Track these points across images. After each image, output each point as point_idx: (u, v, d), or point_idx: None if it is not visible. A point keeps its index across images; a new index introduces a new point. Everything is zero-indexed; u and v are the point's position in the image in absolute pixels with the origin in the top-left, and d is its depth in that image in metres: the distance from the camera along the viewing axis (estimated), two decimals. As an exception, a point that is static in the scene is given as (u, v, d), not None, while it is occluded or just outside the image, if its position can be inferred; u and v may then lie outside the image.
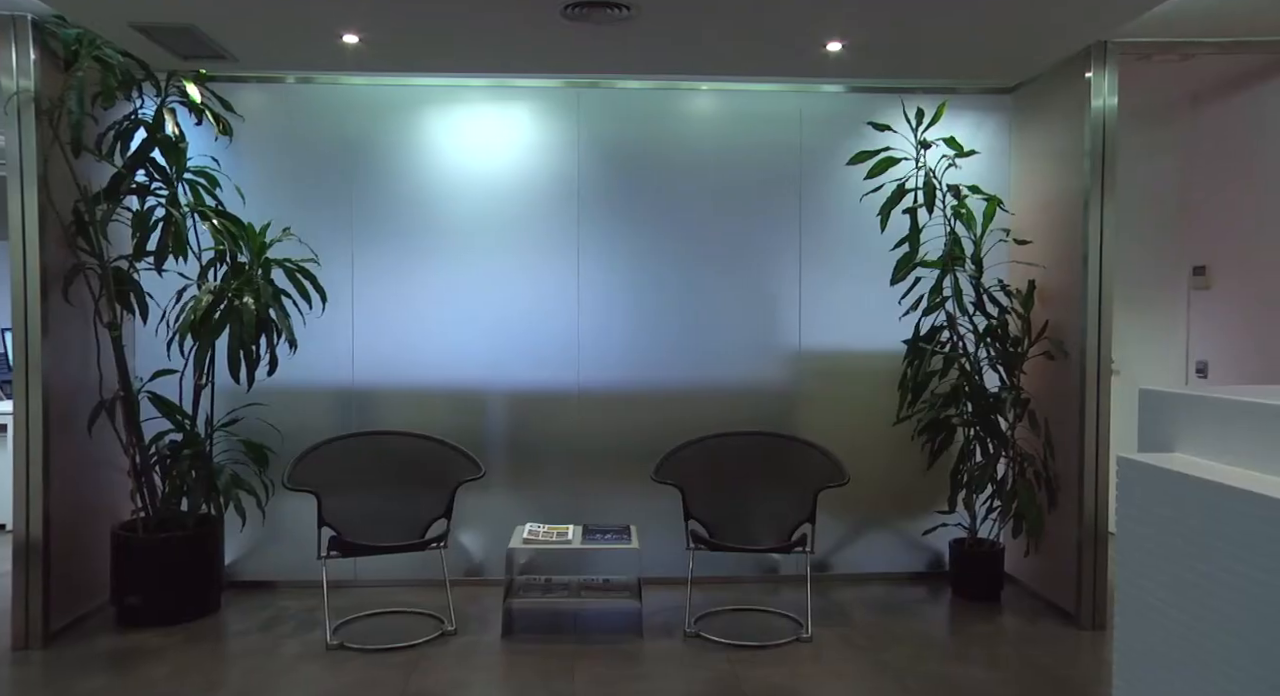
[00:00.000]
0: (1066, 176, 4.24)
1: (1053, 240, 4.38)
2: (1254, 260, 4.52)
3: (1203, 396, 1.47)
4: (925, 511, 4.78)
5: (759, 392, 4.71)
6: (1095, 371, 4.08)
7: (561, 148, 4.63)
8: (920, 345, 4.40)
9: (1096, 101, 4.03)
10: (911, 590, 4.61)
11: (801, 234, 4.71)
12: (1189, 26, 3.86)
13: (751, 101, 4.67)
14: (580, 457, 4.68)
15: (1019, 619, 4.18)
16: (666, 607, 4.29)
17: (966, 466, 4.43)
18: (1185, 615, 1.33)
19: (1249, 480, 1.28)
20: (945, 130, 4.62)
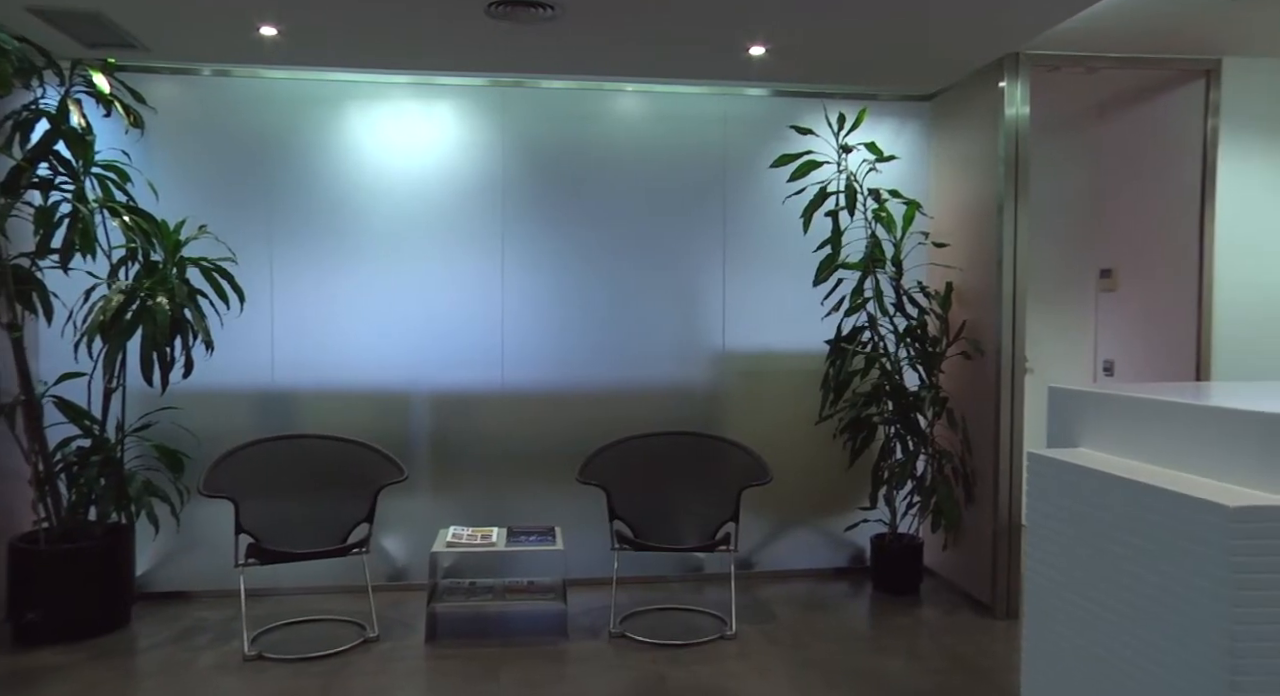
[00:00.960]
0: (982, 182, 4.37)
1: (969, 243, 4.50)
2: (1156, 263, 4.71)
3: (1105, 394, 1.52)
4: (847, 508, 4.87)
5: (683, 393, 4.74)
6: (1010, 370, 4.20)
7: (486, 147, 4.59)
8: (842, 345, 4.48)
9: (1010, 110, 4.16)
10: (834, 585, 4.69)
11: (726, 235, 4.76)
12: (1094, 41, 4.01)
13: (676, 103, 4.70)
14: (505, 459, 4.64)
15: (938, 611, 4.29)
16: (592, 608, 4.29)
17: (887, 463, 4.52)
18: (1090, 602, 1.38)
19: (1148, 473, 1.33)
20: (866, 135, 4.73)
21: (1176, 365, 4.56)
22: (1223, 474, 1.27)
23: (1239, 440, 1.24)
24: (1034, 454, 1.53)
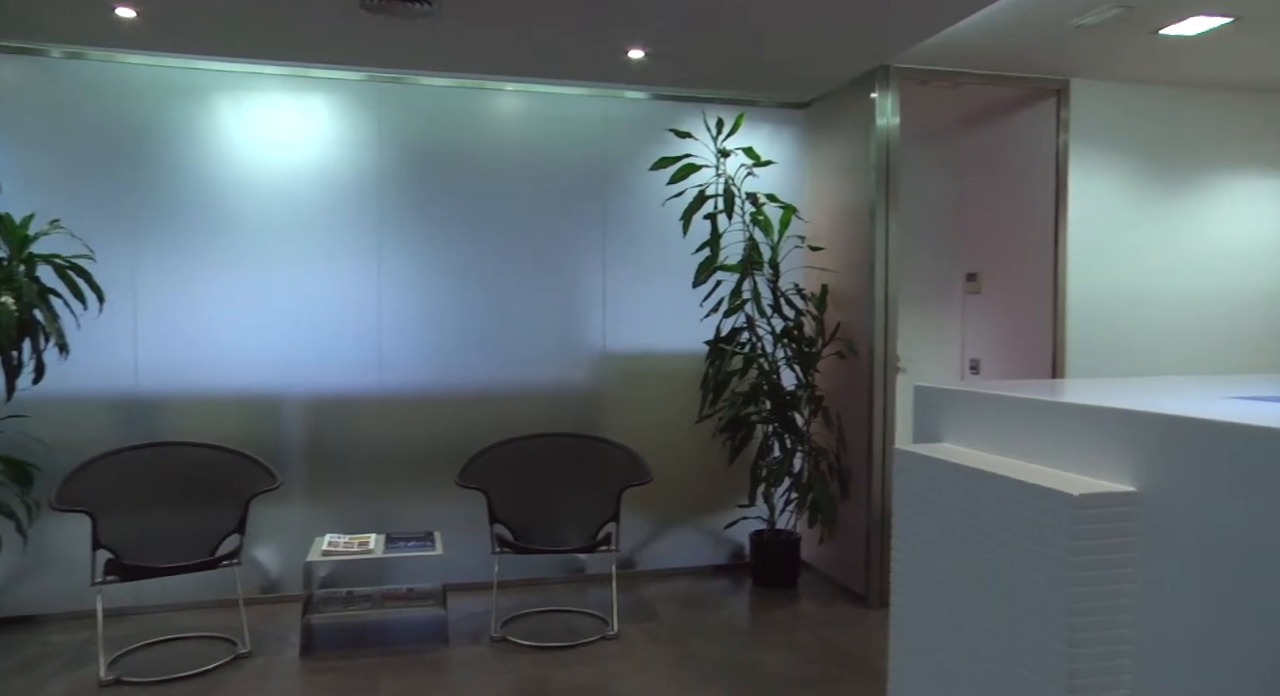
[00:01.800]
0: (855, 188, 4.53)
1: (844, 247, 4.66)
2: (1017, 268, 4.98)
3: (965, 391, 1.60)
4: (727, 506, 4.96)
5: (564, 394, 4.74)
6: (882, 369, 4.37)
7: (363, 144, 4.47)
8: (721, 346, 4.57)
9: (881, 120, 4.32)
10: (715, 582, 4.77)
11: (606, 236, 4.78)
12: (958, 58, 4.22)
13: (557, 104, 4.69)
14: (382, 463, 4.53)
15: (815, 603, 4.42)
16: (473, 613, 4.24)
17: (765, 461, 4.63)
18: (951, 589, 1.44)
19: (1002, 465, 1.41)
20: (744, 140, 4.83)
21: (1036, 363, 4.83)
22: (1072, 465, 1.35)
23: (1086, 433, 1.32)
24: (900, 449, 1.59)
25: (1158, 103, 4.77)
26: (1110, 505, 1.20)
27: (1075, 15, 3.69)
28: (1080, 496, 1.18)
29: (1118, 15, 3.69)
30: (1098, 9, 3.63)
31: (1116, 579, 1.23)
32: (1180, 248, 4.83)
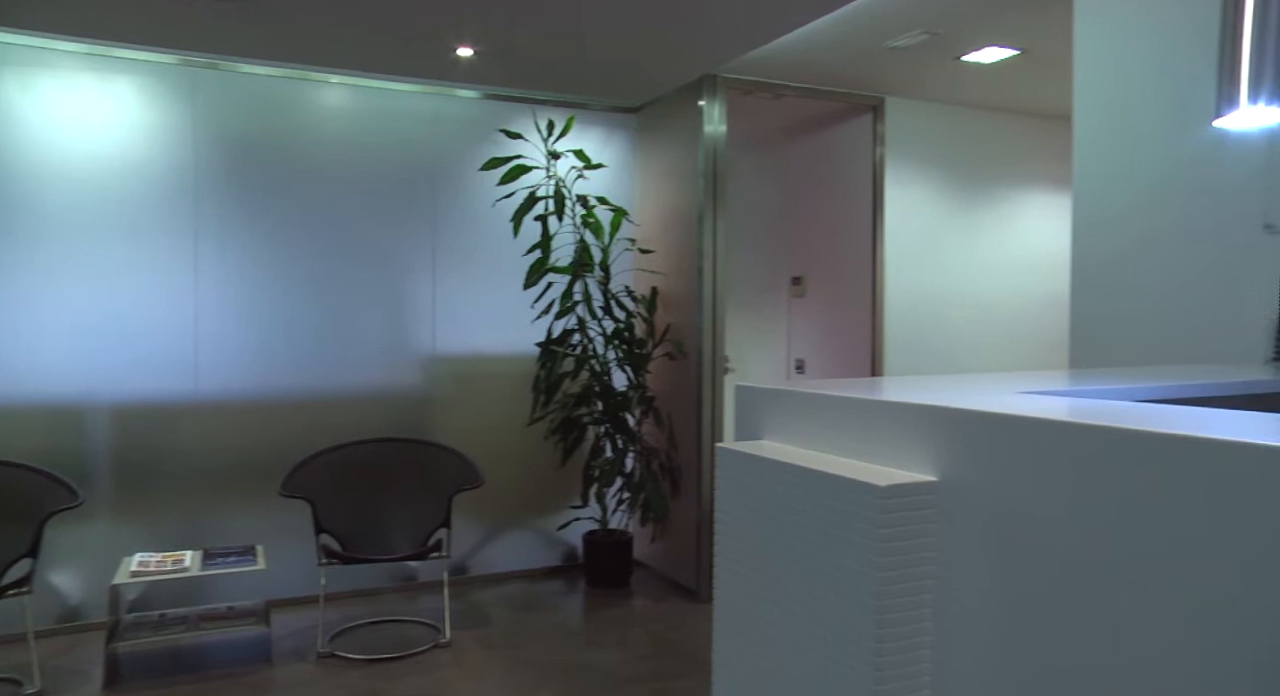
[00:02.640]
0: (684, 193, 4.63)
1: (673, 250, 4.76)
2: (838, 272, 5.24)
3: (782, 390, 1.67)
4: (559, 507, 4.97)
5: (393, 397, 4.61)
6: (711, 369, 4.49)
7: (175, 132, 4.19)
8: (552, 348, 4.57)
9: (708, 127, 4.44)
10: (548, 584, 4.77)
11: (436, 237, 4.68)
12: (782, 71, 4.40)
13: (386, 100, 4.56)
14: (199, 475, 4.26)
15: (647, 600, 4.49)
16: (299, 629, 4.06)
17: (597, 462, 4.67)
18: (772, 582, 1.50)
19: (815, 460, 1.48)
20: (575, 143, 4.85)
21: (857, 362, 5.10)
22: (883, 459, 1.43)
23: (893, 428, 1.40)
24: (721, 447, 1.64)
25: (962, 122, 5.14)
26: (913, 494, 1.29)
27: (888, 38, 3.93)
28: (887, 487, 1.25)
29: (926, 41, 3.95)
30: (908, 34, 3.87)
31: (919, 561, 1.31)
32: (982, 255, 5.22)
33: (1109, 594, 1.09)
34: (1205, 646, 1.00)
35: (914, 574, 1.31)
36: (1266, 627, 0.94)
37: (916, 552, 1.31)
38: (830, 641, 1.37)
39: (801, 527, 1.45)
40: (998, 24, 3.78)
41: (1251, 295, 2.83)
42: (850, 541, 1.32)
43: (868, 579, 1.29)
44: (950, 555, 1.32)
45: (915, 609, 1.31)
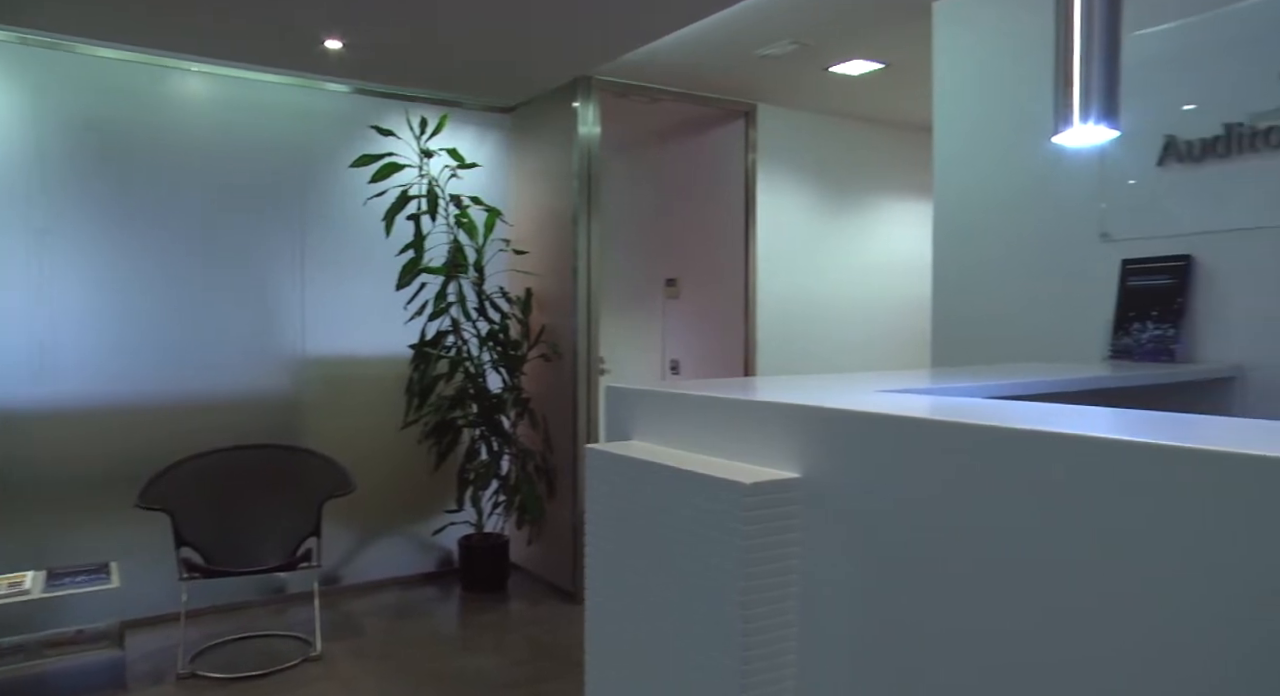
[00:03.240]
0: (558, 194, 4.62)
1: (547, 251, 4.74)
2: (712, 274, 5.33)
3: (651, 391, 1.69)
4: (434, 512, 4.88)
5: (260, 402, 4.43)
6: (586, 371, 4.49)
7: (16, 117, 3.90)
8: (426, 350, 4.48)
9: (583, 129, 4.45)
10: (423, 591, 4.68)
11: (305, 235, 4.53)
12: (657, 75, 4.44)
13: (251, 91, 4.38)
14: (44, 488, 3.97)
15: (523, 603, 4.46)
16: (157, 649, 3.84)
17: (473, 465, 4.61)
18: (641, 582, 1.51)
19: (685, 459, 1.50)
20: (449, 141, 4.77)
21: (730, 362, 5.19)
22: (749, 458, 1.46)
23: (759, 427, 1.43)
24: (591, 448, 1.65)
25: (831, 131, 5.31)
26: (777, 491, 1.32)
27: (758, 46, 4.02)
28: (750, 484, 1.28)
29: (795, 51, 4.06)
30: (777, 43, 3.97)
31: (784, 557, 1.34)
32: (850, 258, 5.41)
33: (966, 585, 1.15)
34: (1059, 633, 1.06)
35: (779, 569, 1.35)
36: (1115, 611, 1.01)
37: (781, 548, 1.35)
38: (698, 638, 1.39)
39: (670, 527, 1.47)
40: (863, 38, 3.92)
41: (1091, 298, 3.03)
42: (716, 539, 1.34)
43: (734, 575, 1.31)
44: (814, 550, 1.36)
45: (781, 603, 1.35)
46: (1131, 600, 0.97)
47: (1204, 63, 2.73)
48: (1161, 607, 0.95)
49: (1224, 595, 0.90)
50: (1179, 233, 2.79)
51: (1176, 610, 0.93)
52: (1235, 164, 2.67)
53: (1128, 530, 0.97)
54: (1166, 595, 0.94)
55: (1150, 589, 0.95)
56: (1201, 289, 2.75)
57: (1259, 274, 2.62)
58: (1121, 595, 0.98)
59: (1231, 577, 0.89)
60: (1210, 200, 2.72)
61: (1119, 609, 0.98)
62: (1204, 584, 0.91)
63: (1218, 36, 2.70)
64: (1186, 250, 2.77)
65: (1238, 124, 2.66)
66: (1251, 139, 2.63)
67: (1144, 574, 0.95)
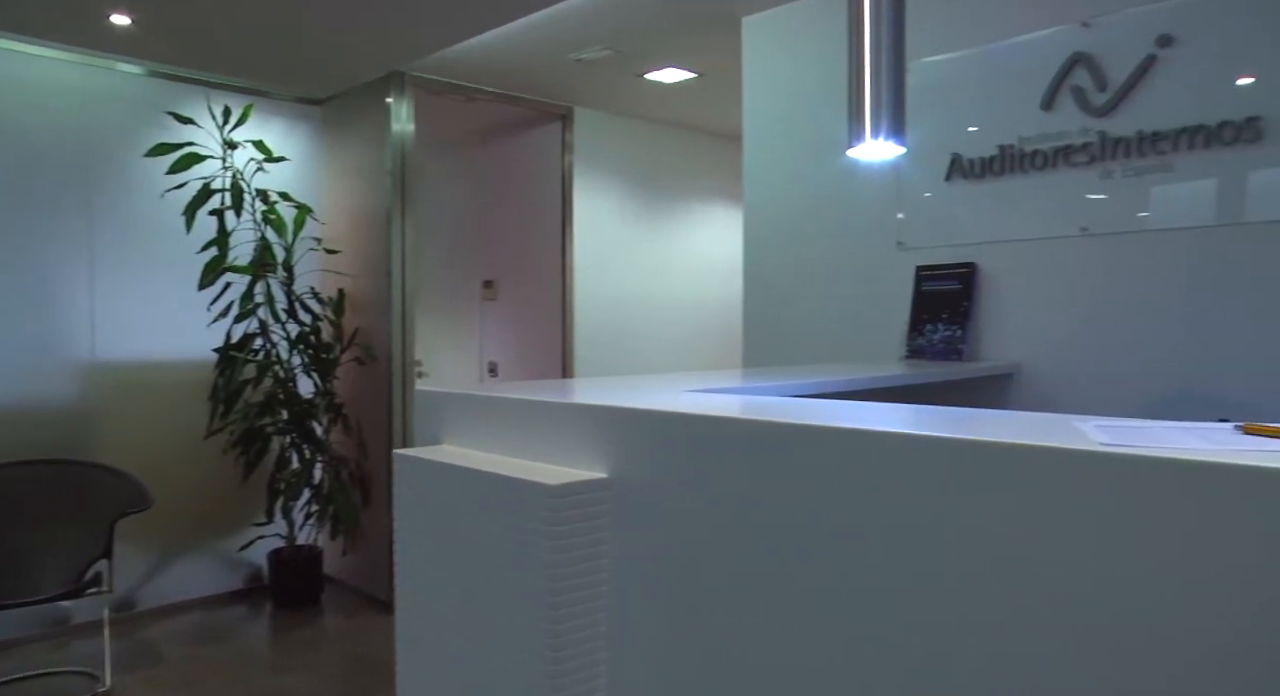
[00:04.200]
0: (372, 192, 4.48)
1: (361, 251, 4.58)
2: (529, 276, 5.31)
3: (462, 394, 1.66)
4: (242, 525, 4.62)
5: (40, 413, 4.04)
6: (401, 374, 4.38)
7: None
8: (232, 353, 4.24)
9: (396, 126, 4.33)
10: (230, 610, 4.41)
11: (93, 230, 4.17)
12: (475, 74, 4.38)
13: (26, 67, 3.98)
14: None
15: (339, 617, 4.29)
16: (-91, 689, 3.45)
17: (283, 474, 4.39)
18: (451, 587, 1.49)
19: (494, 463, 1.48)
20: (255, 133, 4.52)
21: (549, 364, 5.19)
22: (558, 459, 1.46)
23: (568, 428, 1.44)
24: (399, 453, 1.61)
25: (647, 136, 5.41)
26: (584, 492, 1.33)
27: (574, 50, 4.04)
28: (557, 486, 1.28)
29: (609, 56, 4.11)
30: (592, 48, 4.01)
31: (593, 557, 1.36)
32: (666, 261, 5.53)
33: (772, 579, 1.20)
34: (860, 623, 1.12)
35: (588, 569, 1.36)
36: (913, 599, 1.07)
37: (590, 549, 1.36)
38: (509, 642, 1.38)
39: (478, 531, 1.45)
40: (676, 47, 4.01)
41: (889, 302, 3.23)
42: (524, 542, 1.34)
43: (542, 578, 1.31)
44: (623, 550, 1.38)
45: (590, 603, 1.36)
46: (928, 586, 1.04)
47: (983, 89, 2.97)
48: (957, 591, 1.02)
49: (1008, 577, 0.98)
50: (965, 242, 3.02)
51: (969, 593, 1.01)
52: (1009, 182, 2.92)
53: (922, 519, 1.04)
54: (961, 579, 1.02)
55: (944, 574, 1.02)
56: (984, 294, 2.98)
57: (1032, 281, 2.88)
58: (919, 582, 1.05)
59: (1013, 561, 0.96)
60: (990, 213, 2.96)
61: (917, 596, 1.05)
62: (990, 567, 0.99)
63: (993, 67, 2.95)
64: (972, 258, 3.00)
65: (1010, 146, 2.91)
66: (1020, 160, 2.88)
67: (939, 560, 1.02)
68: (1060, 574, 0.92)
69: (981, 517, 0.97)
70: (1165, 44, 2.60)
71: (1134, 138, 2.65)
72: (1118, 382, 2.71)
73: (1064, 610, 0.92)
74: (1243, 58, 2.48)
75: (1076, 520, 0.90)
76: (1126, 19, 2.67)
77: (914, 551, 1.03)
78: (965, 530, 0.99)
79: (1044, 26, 2.83)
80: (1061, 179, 2.79)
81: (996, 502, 0.96)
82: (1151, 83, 2.63)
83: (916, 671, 1.04)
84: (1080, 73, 2.75)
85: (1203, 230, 2.56)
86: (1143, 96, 2.64)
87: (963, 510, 0.99)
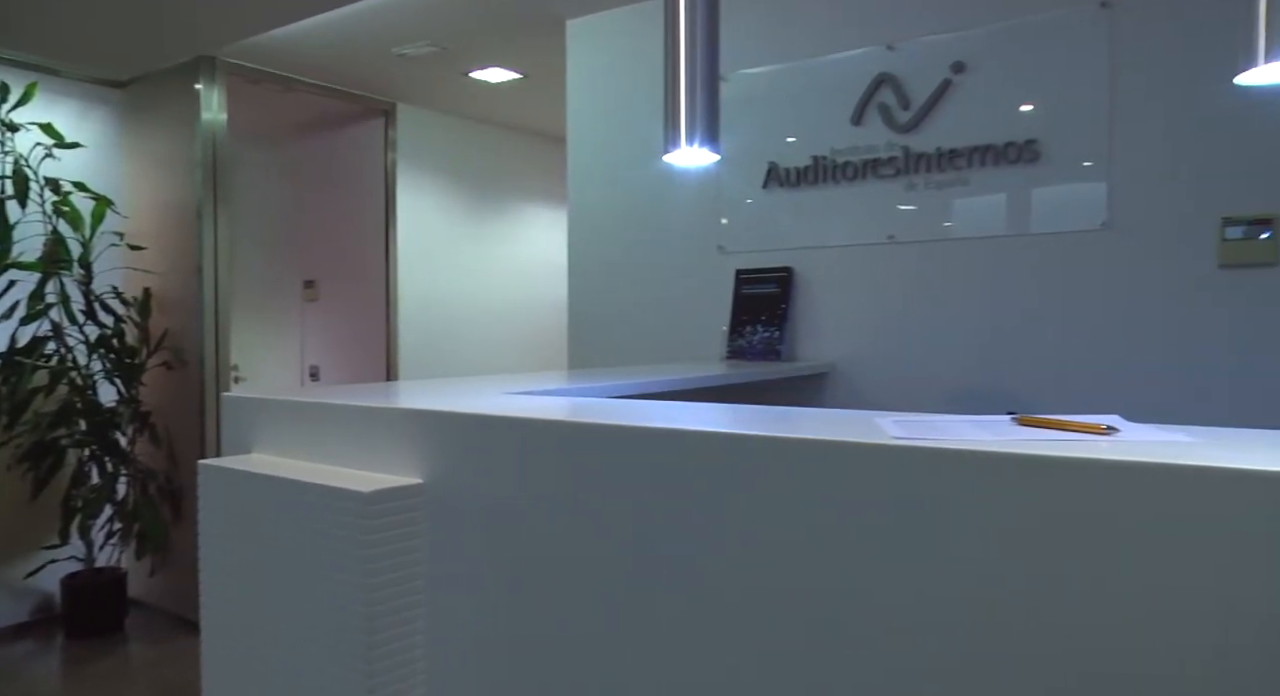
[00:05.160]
0: (180, 185, 4.21)
1: (169, 248, 4.30)
2: (353, 276, 5.13)
3: (273, 400, 1.59)
4: (30, 550, 4.23)
5: None
6: (215, 379, 4.14)
7: None
8: (18, 358, 3.87)
9: (207, 114, 4.09)
10: (13, 648, 4.03)
11: None
12: (292, 64, 4.19)
13: None
14: None
15: (145, 643, 4.00)
16: None
17: (80, 490, 4.05)
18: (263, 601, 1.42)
19: (306, 471, 1.43)
20: (42, 114, 4.16)
21: (373, 367, 5.03)
22: (374, 465, 1.42)
23: (382, 433, 1.40)
24: (203, 464, 1.52)
25: (474, 136, 5.35)
26: (398, 498, 1.30)
27: (396, 45, 3.94)
28: (371, 493, 1.25)
29: (434, 52, 4.04)
30: (415, 43, 3.92)
31: (410, 564, 1.33)
32: (493, 262, 5.49)
33: (591, 579, 1.21)
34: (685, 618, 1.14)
35: (404, 577, 1.33)
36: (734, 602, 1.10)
37: (405, 556, 1.33)
38: (323, 654, 1.33)
39: (290, 542, 1.39)
40: (502, 47, 3.98)
41: (712, 304, 3.33)
42: (338, 551, 1.29)
43: (357, 587, 1.27)
44: (440, 555, 1.36)
45: (407, 611, 1.33)
46: (744, 579, 1.08)
47: (798, 102, 3.12)
48: (775, 585, 1.06)
49: (817, 565, 1.03)
50: (782, 247, 3.16)
51: (787, 585, 1.05)
52: (822, 191, 3.07)
53: (737, 514, 1.08)
54: (777, 572, 1.06)
55: (761, 567, 1.06)
56: (801, 297, 3.12)
57: (845, 285, 3.04)
58: (735, 576, 1.08)
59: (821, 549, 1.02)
60: (806, 220, 3.10)
61: (732, 590, 1.08)
62: (800, 556, 1.04)
63: (808, 82, 3.09)
64: (789, 263, 3.13)
65: (823, 157, 3.06)
66: (833, 171, 3.04)
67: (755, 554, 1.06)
68: (864, 559, 0.97)
69: (792, 509, 1.02)
70: (959, 70, 2.80)
71: (934, 154, 2.85)
72: (923, 379, 2.90)
73: (866, 594, 0.97)
74: (1024, 86, 2.71)
75: (876, 508, 0.96)
76: (925, 45, 2.86)
77: (732, 546, 1.07)
78: (778, 523, 1.03)
79: (854, 47, 3.00)
80: (870, 190, 2.97)
81: (805, 494, 1.01)
82: (948, 104, 2.83)
83: (734, 664, 1.07)
84: (886, 92, 2.93)
85: (996, 239, 2.78)
86: (941, 116, 2.84)
87: (774, 504, 1.03)
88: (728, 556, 1.07)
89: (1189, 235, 2.51)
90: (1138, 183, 2.57)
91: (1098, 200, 2.62)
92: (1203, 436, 0.96)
